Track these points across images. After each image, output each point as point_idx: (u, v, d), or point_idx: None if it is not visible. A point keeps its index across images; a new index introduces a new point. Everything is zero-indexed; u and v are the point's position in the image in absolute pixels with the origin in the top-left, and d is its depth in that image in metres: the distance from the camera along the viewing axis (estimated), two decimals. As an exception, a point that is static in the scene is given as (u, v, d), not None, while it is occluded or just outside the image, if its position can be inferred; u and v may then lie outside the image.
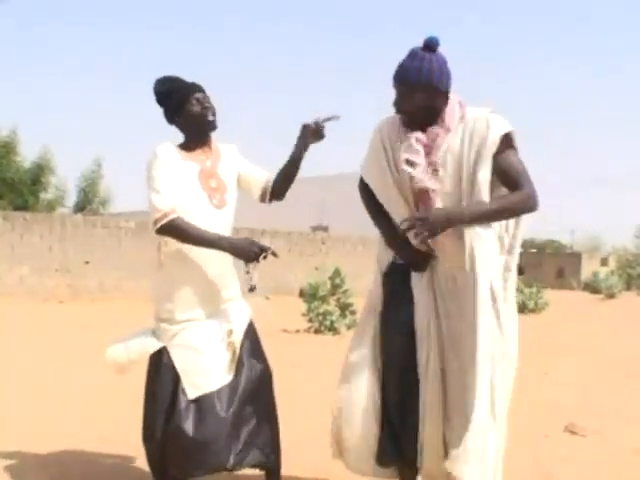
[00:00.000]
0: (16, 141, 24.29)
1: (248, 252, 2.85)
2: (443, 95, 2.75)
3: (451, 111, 2.76)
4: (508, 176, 2.70)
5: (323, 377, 6.41)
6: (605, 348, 9.63)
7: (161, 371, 2.92)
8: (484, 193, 2.68)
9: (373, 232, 3.06)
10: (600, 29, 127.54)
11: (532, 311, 16.95)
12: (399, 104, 2.79)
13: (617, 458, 4.04)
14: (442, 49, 2.77)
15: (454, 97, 2.80)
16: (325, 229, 27.67)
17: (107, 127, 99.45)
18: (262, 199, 3.18)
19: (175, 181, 2.87)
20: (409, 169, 2.76)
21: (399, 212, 2.85)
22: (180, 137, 3.04)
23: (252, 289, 2.90)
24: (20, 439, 4.02)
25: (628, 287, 36.59)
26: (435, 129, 2.76)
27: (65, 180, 26.17)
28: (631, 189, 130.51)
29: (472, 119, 2.73)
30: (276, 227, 21.60)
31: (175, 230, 2.82)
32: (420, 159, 2.75)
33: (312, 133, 3.03)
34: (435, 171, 2.75)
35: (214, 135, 3.07)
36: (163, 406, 2.89)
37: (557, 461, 3.94)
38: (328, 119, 3.03)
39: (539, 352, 8.78)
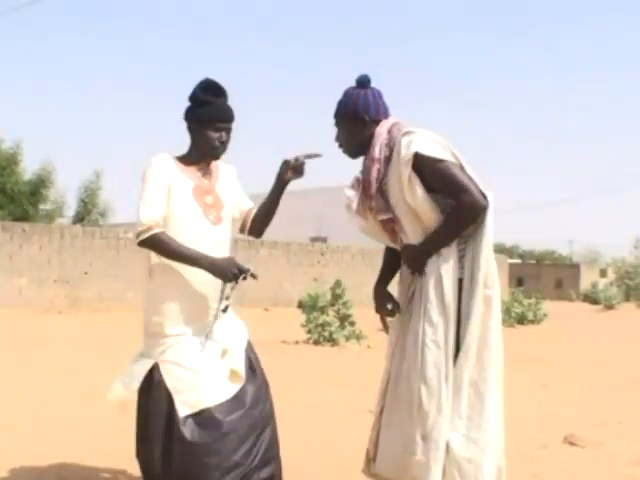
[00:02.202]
0: (19, 153, 24.32)
1: (227, 272, 2.80)
2: (371, 126, 2.85)
3: (377, 140, 2.83)
4: (444, 190, 2.73)
5: (322, 388, 6.40)
6: (604, 359, 9.62)
7: (153, 389, 2.87)
8: (426, 210, 2.74)
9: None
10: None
11: (531, 322, 16.96)
12: (336, 137, 2.95)
13: (616, 469, 4.03)
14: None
15: (386, 125, 2.85)
16: (324, 240, 27.68)
17: (108, 139, 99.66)
18: (241, 230, 3.17)
19: (169, 193, 2.85)
20: (348, 209, 2.95)
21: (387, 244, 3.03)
22: (185, 140, 3.02)
23: (225, 309, 2.88)
24: (17, 452, 4.01)
25: (627, 298, 36.60)
26: (365, 163, 2.88)
27: (64, 191, 26.23)
28: (630, 199, 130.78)
29: (398, 144, 2.77)
30: (275, 238, 21.61)
31: (156, 245, 2.79)
32: (353, 195, 2.93)
33: (292, 169, 3.02)
34: (380, 201, 2.84)
35: None
36: (159, 425, 2.84)
37: (556, 472, 3.93)
38: (309, 156, 3.03)
39: (538, 364, 8.79)
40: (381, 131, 2.83)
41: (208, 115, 2.89)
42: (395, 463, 2.76)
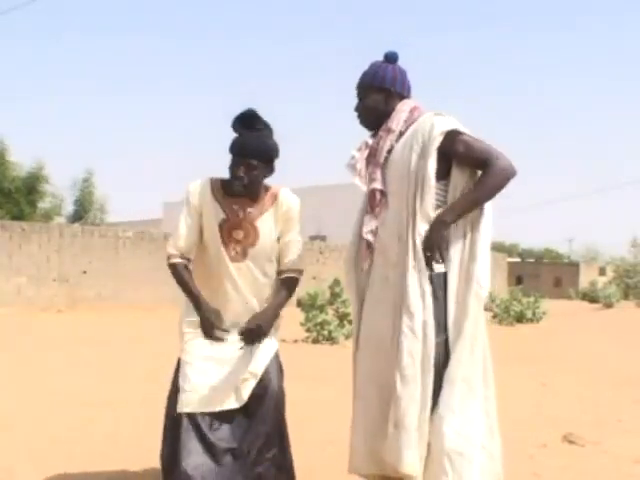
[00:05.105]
0: (5, 149, 24.11)
1: (205, 329, 2.85)
2: (395, 99, 2.88)
3: (397, 114, 2.86)
4: (472, 158, 2.74)
5: (321, 387, 6.40)
6: (603, 358, 9.62)
7: (176, 384, 2.93)
8: (430, 187, 2.72)
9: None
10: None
11: (530, 321, 16.95)
12: (356, 107, 2.96)
13: (616, 468, 4.03)
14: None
15: (409, 103, 2.89)
16: (323, 239, 27.67)
17: (105, 137, 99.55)
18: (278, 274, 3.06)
19: (201, 222, 2.92)
20: (351, 168, 2.91)
21: (362, 218, 2.95)
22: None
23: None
24: (16, 452, 4.01)
25: (626, 297, 36.62)
26: (380, 132, 2.88)
27: (63, 189, 26.16)
28: (630, 198, 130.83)
29: (418, 122, 2.80)
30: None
31: (173, 274, 2.93)
32: (359, 155, 2.89)
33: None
34: (379, 172, 2.84)
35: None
36: (171, 420, 2.88)
37: (555, 471, 3.93)
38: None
39: (537, 362, 8.79)
40: (403, 108, 2.87)
41: (231, 147, 2.89)
42: (367, 455, 2.74)
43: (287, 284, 3.00)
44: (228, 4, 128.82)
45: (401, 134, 2.83)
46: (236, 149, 2.87)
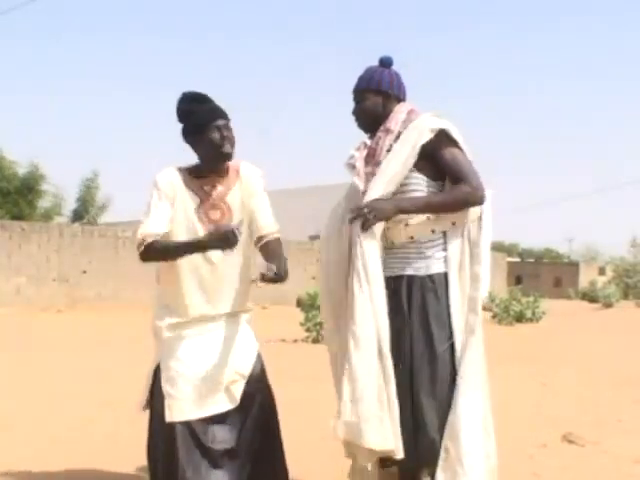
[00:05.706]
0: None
1: (225, 239, 2.61)
2: (393, 102, 2.94)
3: (395, 115, 2.91)
4: (451, 171, 2.81)
5: (321, 387, 6.40)
6: (603, 358, 9.62)
7: (156, 388, 2.85)
8: (404, 175, 2.79)
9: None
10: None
11: (530, 320, 16.94)
12: (354, 110, 3.00)
13: (616, 468, 4.02)
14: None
15: (406, 106, 2.95)
16: (323, 238, 27.58)
17: (106, 137, 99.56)
18: (255, 244, 2.98)
19: (173, 211, 2.81)
20: (350, 167, 2.95)
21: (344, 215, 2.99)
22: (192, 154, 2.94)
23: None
24: (16, 452, 4.01)
25: (625, 296, 36.65)
26: (378, 132, 2.93)
27: (63, 189, 26.08)
28: (630, 198, 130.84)
29: (415, 123, 2.86)
30: (274, 236, 21.55)
31: (154, 252, 2.75)
32: (358, 155, 2.93)
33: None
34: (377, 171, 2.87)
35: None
36: (162, 426, 2.80)
37: (555, 471, 3.93)
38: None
39: (537, 362, 8.78)
40: (401, 110, 2.93)
41: (201, 119, 2.82)
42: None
43: (274, 245, 2.89)
44: (228, 4, 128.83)
45: (399, 135, 2.87)
46: (208, 118, 2.80)
